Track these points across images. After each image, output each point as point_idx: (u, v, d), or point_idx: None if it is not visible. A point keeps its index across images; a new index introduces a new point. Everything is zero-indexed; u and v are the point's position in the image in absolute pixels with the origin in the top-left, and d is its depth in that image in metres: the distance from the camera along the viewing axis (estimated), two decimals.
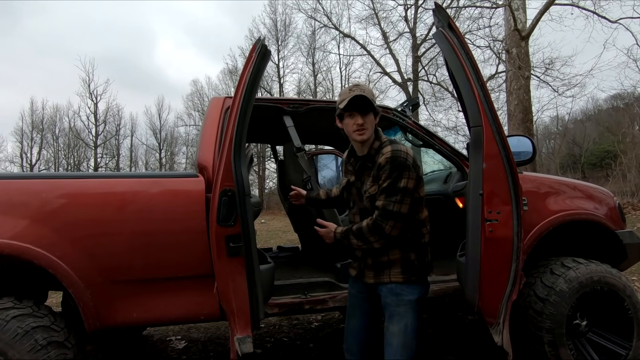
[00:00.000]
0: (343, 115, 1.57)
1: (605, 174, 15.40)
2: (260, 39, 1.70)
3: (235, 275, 1.58)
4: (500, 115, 5.97)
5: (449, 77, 1.97)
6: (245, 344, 1.57)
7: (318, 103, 2.34)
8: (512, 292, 1.72)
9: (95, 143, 27.24)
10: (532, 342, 1.96)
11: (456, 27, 1.78)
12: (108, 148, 28.40)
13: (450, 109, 16.83)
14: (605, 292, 1.98)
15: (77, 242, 1.66)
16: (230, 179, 1.58)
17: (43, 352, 1.53)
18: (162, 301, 1.76)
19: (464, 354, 2.56)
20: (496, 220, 1.69)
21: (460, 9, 12.25)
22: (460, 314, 3.31)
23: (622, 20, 8.50)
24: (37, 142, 27.56)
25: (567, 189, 2.24)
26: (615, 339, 2.00)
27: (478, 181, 1.73)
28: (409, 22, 16.64)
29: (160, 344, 3.00)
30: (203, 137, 2.00)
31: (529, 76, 8.33)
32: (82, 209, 1.69)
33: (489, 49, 11.63)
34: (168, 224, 1.75)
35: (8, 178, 1.77)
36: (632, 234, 2.29)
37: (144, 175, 1.88)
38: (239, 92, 1.63)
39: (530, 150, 2.22)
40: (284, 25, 23.08)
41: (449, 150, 2.34)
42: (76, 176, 1.88)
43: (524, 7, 8.32)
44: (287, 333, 3.12)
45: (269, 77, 22.61)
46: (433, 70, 16.29)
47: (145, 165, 29.54)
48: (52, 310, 1.69)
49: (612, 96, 20.63)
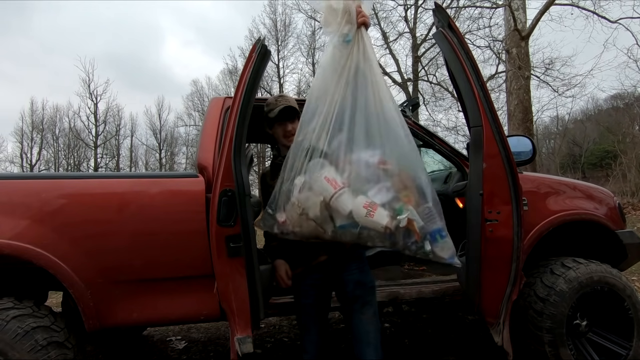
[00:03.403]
0: (273, 123, 1.76)
1: (605, 174, 15.39)
2: (260, 39, 1.70)
3: (235, 276, 1.58)
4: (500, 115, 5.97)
5: (449, 77, 1.97)
6: (245, 344, 1.57)
7: None
8: (512, 292, 1.72)
9: (95, 143, 27.22)
10: (532, 342, 1.96)
11: (456, 27, 1.78)
12: (108, 148, 28.41)
13: (450, 109, 16.82)
14: (605, 292, 1.98)
15: (77, 242, 1.66)
16: (230, 179, 1.58)
17: (43, 353, 1.53)
18: (162, 301, 1.76)
19: (464, 354, 2.56)
20: (496, 220, 1.69)
21: (460, 9, 12.23)
22: (460, 314, 3.31)
23: (622, 20, 8.51)
24: (37, 143, 27.57)
25: (567, 189, 2.24)
26: (616, 339, 2.00)
27: (478, 181, 1.73)
28: (409, 22, 16.63)
29: (160, 344, 3.00)
30: (203, 137, 2.00)
31: (529, 76, 8.33)
32: (82, 209, 1.69)
33: (489, 49, 11.63)
34: (168, 224, 1.75)
35: (8, 178, 1.77)
36: (632, 234, 2.29)
37: (144, 175, 1.89)
38: (239, 92, 1.63)
39: (530, 150, 2.22)
40: (284, 25, 23.09)
41: (449, 150, 2.34)
42: (76, 176, 1.88)
43: (524, 7, 8.32)
44: (287, 333, 3.12)
45: (269, 77, 22.61)
46: (433, 70, 16.28)
47: (145, 166, 29.54)
48: (52, 311, 1.69)
49: (612, 96, 20.67)
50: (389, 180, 1.41)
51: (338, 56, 1.52)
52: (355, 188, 1.41)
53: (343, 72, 1.49)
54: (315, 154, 1.49)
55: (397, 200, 1.38)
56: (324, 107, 1.50)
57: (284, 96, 1.80)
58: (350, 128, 1.46)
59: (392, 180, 1.41)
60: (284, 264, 1.73)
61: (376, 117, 1.46)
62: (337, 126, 1.47)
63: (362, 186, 1.40)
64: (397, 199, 1.38)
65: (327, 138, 1.48)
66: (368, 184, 1.40)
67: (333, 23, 1.51)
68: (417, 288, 2.15)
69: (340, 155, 1.45)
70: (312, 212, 1.43)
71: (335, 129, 1.47)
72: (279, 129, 1.76)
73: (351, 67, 1.50)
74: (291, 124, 1.73)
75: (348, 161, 1.44)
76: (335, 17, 1.51)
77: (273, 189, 1.60)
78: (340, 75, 1.50)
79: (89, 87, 26.57)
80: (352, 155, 1.44)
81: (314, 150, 1.49)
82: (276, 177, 1.62)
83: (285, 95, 1.81)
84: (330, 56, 1.56)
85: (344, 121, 1.47)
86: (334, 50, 1.54)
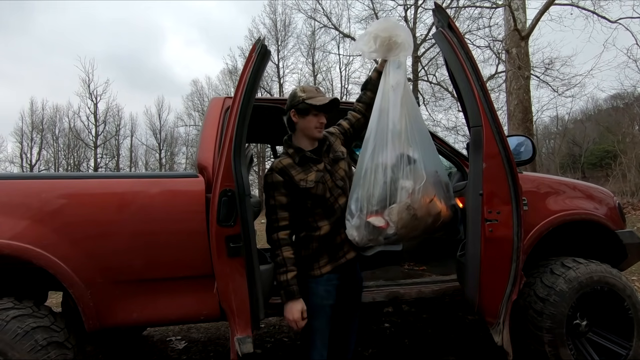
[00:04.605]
0: (309, 111, 1.66)
1: (605, 174, 15.40)
2: (260, 39, 1.70)
3: (235, 276, 1.58)
4: (500, 115, 5.97)
5: (449, 77, 1.97)
6: (245, 344, 1.57)
7: None
8: (512, 292, 1.72)
9: (95, 143, 27.22)
10: (532, 342, 1.96)
11: (456, 27, 1.78)
12: (108, 148, 28.40)
13: (450, 109, 16.85)
14: (605, 292, 1.98)
15: (77, 242, 1.66)
16: (230, 179, 1.58)
17: (43, 353, 1.53)
18: (162, 301, 1.76)
19: (464, 354, 2.56)
20: (496, 220, 1.69)
21: (460, 9, 12.24)
22: (460, 314, 3.31)
23: (622, 20, 8.52)
24: (37, 143, 27.56)
25: (567, 189, 2.24)
26: (616, 339, 2.00)
27: (478, 181, 1.73)
28: (409, 22, 16.63)
29: (160, 344, 3.00)
30: (203, 137, 2.00)
31: (528, 76, 8.33)
32: (82, 210, 1.69)
33: (489, 49, 11.64)
34: (168, 224, 1.75)
35: (8, 178, 1.77)
36: (632, 233, 2.29)
37: (144, 175, 1.88)
38: (239, 92, 1.63)
39: (530, 150, 2.22)
40: (284, 25, 23.11)
41: (449, 150, 2.34)
42: (76, 176, 1.88)
43: (523, 7, 8.32)
44: (287, 333, 3.12)
45: (269, 77, 22.62)
46: (433, 70, 16.30)
47: (145, 166, 29.54)
48: (52, 311, 1.69)
49: (612, 96, 20.67)
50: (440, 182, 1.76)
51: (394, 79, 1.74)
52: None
53: (398, 90, 1.73)
54: (409, 159, 1.67)
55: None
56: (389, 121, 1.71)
57: (319, 89, 1.75)
58: (415, 140, 1.72)
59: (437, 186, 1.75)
60: (301, 303, 1.59)
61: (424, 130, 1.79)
62: (413, 137, 1.71)
63: (434, 189, 1.72)
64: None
65: (412, 147, 1.70)
66: (437, 189, 1.72)
67: (380, 51, 1.77)
68: (417, 288, 2.15)
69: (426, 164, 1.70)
70: (419, 212, 1.63)
71: (411, 140, 1.71)
72: (313, 119, 1.67)
73: (403, 86, 1.74)
74: (325, 117, 1.70)
75: (426, 168, 1.70)
76: (391, 47, 1.75)
77: (301, 184, 1.63)
78: (395, 94, 1.72)
79: (89, 87, 26.62)
80: (427, 165, 1.70)
81: (407, 156, 1.67)
82: (307, 172, 1.67)
83: (320, 89, 1.76)
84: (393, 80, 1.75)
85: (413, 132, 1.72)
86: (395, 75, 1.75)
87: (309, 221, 1.68)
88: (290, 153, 1.70)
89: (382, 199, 1.62)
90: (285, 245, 1.62)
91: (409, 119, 1.71)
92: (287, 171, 1.65)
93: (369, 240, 1.63)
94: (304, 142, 1.71)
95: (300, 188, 1.64)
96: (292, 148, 1.71)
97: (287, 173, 1.65)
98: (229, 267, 1.58)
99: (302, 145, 1.71)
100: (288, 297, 1.58)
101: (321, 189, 1.66)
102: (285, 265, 1.60)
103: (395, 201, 1.62)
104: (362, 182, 1.64)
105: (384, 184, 1.63)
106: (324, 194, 1.66)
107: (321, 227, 1.66)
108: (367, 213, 1.61)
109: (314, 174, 1.66)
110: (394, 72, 1.73)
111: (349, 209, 1.65)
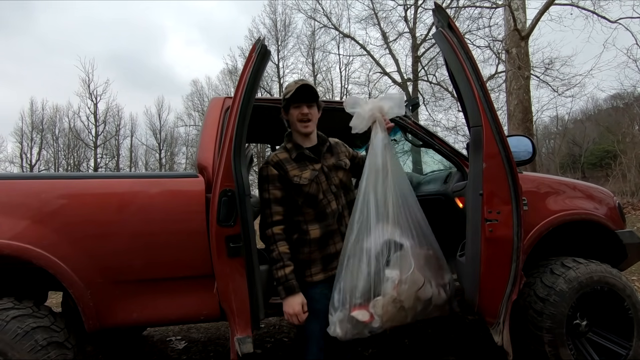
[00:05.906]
0: (289, 106, 1.68)
1: (605, 174, 15.39)
2: (260, 39, 1.70)
3: (235, 276, 1.58)
4: (500, 115, 5.98)
5: (449, 77, 1.97)
6: (245, 344, 1.57)
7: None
8: (512, 292, 1.72)
9: (95, 143, 27.22)
10: (532, 342, 1.96)
11: (456, 27, 1.78)
12: (108, 148, 28.39)
13: (450, 109, 16.85)
14: (605, 292, 1.98)
15: (76, 243, 1.66)
16: (230, 179, 1.58)
17: (43, 353, 1.53)
18: (162, 301, 1.76)
19: (464, 354, 2.56)
20: (496, 220, 1.69)
21: (460, 9, 12.25)
22: (460, 314, 3.31)
23: (621, 20, 8.53)
24: (37, 143, 27.54)
25: (567, 189, 2.24)
26: (616, 339, 2.00)
27: (478, 181, 1.73)
28: (409, 22, 16.64)
29: (160, 344, 3.00)
30: (203, 137, 1.99)
31: (528, 76, 8.33)
32: (82, 210, 1.69)
33: (489, 49, 11.65)
34: (168, 224, 1.75)
35: (8, 178, 1.77)
36: (632, 233, 2.28)
37: (144, 175, 1.88)
38: (239, 92, 1.63)
39: (530, 150, 2.22)
40: (284, 25, 23.09)
41: (448, 150, 2.34)
42: (76, 176, 1.87)
43: (523, 7, 8.33)
44: (287, 333, 3.12)
45: (269, 77, 22.60)
46: (433, 70, 16.30)
47: (145, 166, 29.53)
48: (52, 311, 1.69)
49: (612, 96, 20.67)
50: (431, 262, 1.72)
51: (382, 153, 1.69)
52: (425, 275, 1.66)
53: (385, 167, 1.68)
54: (395, 245, 1.59)
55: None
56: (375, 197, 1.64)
57: (303, 79, 1.73)
58: (406, 220, 1.67)
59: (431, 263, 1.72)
60: (301, 296, 1.59)
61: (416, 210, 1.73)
62: (401, 219, 1.65)
63: (425, 273, 1.66)
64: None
65: (398, 230, 1.63)
66: (430, 271, 1.68)
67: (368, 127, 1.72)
68: None
69: (414, 247, 1.64)
70: (407, 303, 1.58)
71: (402, 221, 1.65)
72: (295, 111, 1.68)
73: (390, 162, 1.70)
74: (308, 108, 1.67)
75: (416, 252, 1.64)
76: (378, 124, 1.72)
77: (295, 179, 1.63)
78: (382, 172, 1.67)
79: (89, 87, 26.61)
80: (418, 246, 1.66)
81: (394, 242, 1.59)
82: (302, 169, 1.65)
83: (305, 79, 1.74)
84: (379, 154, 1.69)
85: (402, 213, 1.65)
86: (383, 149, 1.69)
87: (299, 221, 1.68)
88: (289, 148, 1.72)
89: (366, 291, 1.55)
90: (280, 241, 1.62)
91: (396, 194, 1.64)
92: (283, 165, 1.67)
93: (353, 335, 1.57)
94: (298, 138, 1.74)
95: (293, 184, 1.65)
96: (291, 143, 1.73)
97: (282, 167, 1.67)
98: (229, 267, 1.58)
99: (297, 141, 1.73)
100: (287, 292, 1.58)
101: (314, 189, 1.66)
102: (282, 260, 1.60)
103: (380, 293, 1.55)
104: (345, 271, 1.57)
105: (368, 276, 1.55)
106: (317, 194, 1.67)
107: (310, 231, 1.66)
108: (351, 306, 1.55)
109: (309, 172, 1.68)
110: (377, 136, 1.70)
111: (332, 299, 1.58)
